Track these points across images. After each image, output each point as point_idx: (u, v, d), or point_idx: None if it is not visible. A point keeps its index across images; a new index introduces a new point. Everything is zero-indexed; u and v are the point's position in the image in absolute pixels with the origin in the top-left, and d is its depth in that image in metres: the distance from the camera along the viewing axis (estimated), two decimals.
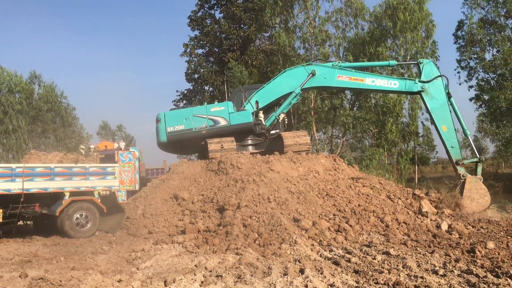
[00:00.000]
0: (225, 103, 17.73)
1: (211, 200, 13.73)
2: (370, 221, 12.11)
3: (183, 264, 8.71)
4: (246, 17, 36.95)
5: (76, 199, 12.28)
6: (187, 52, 39.15)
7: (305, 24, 29.80)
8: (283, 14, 30.19)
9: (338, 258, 8.82)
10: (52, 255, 9.64)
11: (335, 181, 15.01)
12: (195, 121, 17.39)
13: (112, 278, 7.55)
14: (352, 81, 17.13)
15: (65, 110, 40.87)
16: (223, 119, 17.29)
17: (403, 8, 26.45)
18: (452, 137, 16.11)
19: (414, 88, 16.57)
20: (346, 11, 29.24)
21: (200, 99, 38.69)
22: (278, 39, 29.07)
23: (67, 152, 19.38)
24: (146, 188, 15.70)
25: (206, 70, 38.09)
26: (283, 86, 17.74)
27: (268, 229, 11.04)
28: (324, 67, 17.60)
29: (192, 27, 39.09)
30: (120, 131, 55.75)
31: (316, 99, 28.83)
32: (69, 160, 13.60)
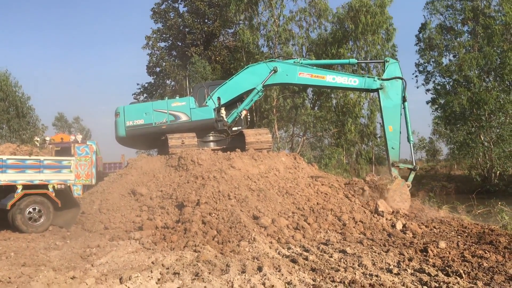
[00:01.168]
0: (186, 98, 17.55)
1: (170, 196, 13.56)
2: (328, 220, 12.29)
3: (140, 261, 8.57)
4: (210, 12, 36.70)
5: (29, 192, 11.84)
6: (149, 45, 38.52)
7: (269, 22, 29.96)
8: (247, 11, 30.22)
9: (296, 256, 8.90)
10: (2, 250, 9.29)
11: (295, 179, 15.15)
12: (155, 116, 17.11)
13: (65, 274, 7.33)
14: (313, 78, 17.25)
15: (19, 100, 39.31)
16: (184, 114, 17.09)
17: (365, 10, 27.01)
18: (395, 139, 16.42)
19: (373, 85, 16.80)
20: (310, 11, 29.59)
21: (162, 93, 38.17)
22: (242, 36, 29.08)
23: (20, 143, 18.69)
24: (103, 183, 15.32)
25: (168, 64, 37.58)
26: (245, 83, 17.72)
27: (228, 226, 11.02)
28: (285, 64, 17.69)
29: (155, 19, 38.50)
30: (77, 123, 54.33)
31: (278, 98, 29.03)
32: (23, 152, 13.07)
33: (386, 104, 16.57)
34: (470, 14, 34.33)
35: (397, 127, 16.39)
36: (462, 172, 39.93)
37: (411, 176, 16.32)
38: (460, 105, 33.15)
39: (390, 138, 16.43)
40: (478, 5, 34.60)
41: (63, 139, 17.46)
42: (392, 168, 16.23)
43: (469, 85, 33.74)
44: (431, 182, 37.83)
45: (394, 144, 16.42)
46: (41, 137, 19.80)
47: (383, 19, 27.48)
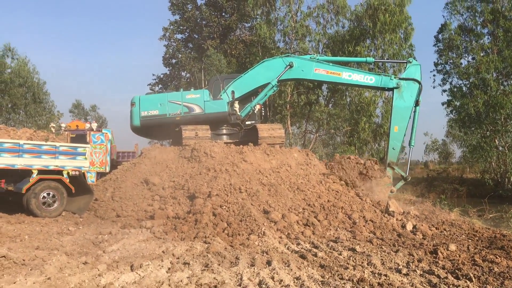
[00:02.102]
0: (201, 91, 17.65)
1: (182, 187, 13.68)
2: (338, 217, 12.29)
3: (151, 249, 8.68)
4: (228, 5, 36.68)
5: (44, 177, 12.00)
6: (166, 36, 38.67)
7: (287, 17, 29.86)
8: (265, 6, 30.17)
9: (305, 252, 8.93)
10: (16, 233, 9.44)
11: (306, 175, 15.16)
12: (170, 107, 17.26)
13: (77, 259, 7.48)
14: (329, 75, 17.22)
15: (37, 86, 39.79)
16: (198, 106, 17.20)
17: (383, 9, 26.80)
18: (398, 140, 16.48)
19: (390, 84, 16.75)
20: (328, 8, 29.44)
21: (176, 84, 38.33)
22: (259, 31, 29.04)
23: (37, 129, 18.92)
24: (116, 171, 15.49)
25: (184, 56, 37.69)
26: (260, 77, 17.74)
27: (238, 219, 11.08)
28: (302, 59, 17.66)
29: (172, 11, 38.58)
30: (94, 111, 54.77)
31: (293, 94, 28.99)
32: (39, 137, 13.26)
33: (398, 104, 16.53)
34: (490, 17, 33.82)
35: (403, 129, 16.40)
36: (474, 175, 39.52)
37: (399, 184, 16.56)
38: (476, 108, 32.77)
39: (393, 138, 16.49)
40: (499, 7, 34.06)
41: (79, 126, 17.63)
42: (388, 168, 16.40)
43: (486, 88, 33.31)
44: (443, 185, 37.50)
45: (395, 145, 16.51)
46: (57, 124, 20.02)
47: (402, 19, 27.25)
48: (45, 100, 40.21)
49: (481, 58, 33.51)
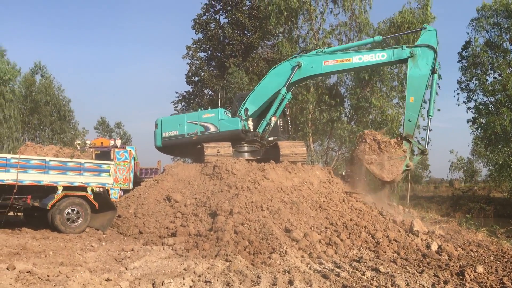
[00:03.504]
0: (216, 110, 17.98)
1: (203, 204, 13.71)
2: (361, 237, 12.11)
3: (172, 267, 8.68)
4: (250, 24, 37.07)
5: (68, 194, 12.21)
6: (189, 54, 39.22)
7: (309, 35, 29.99)
8: (287, 24, 30.38)
9: (327, 271, 8.81)
10: (41, 248, 9.58)
11: (328, 194, 15.03)
12: (188, 127, 17.75)
13: (100, 276, 7.51)
14: (339, 63, 16.98)
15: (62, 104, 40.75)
16: (213, 125, 17.54)
17: (407, 27, 26.67)
18: (414, 111, 15.73)
19: (403, 54, 16.17)
20: (350, 26, 29.48)
21: (199, 102, 38.69)
22: (281, 48, 29.21)
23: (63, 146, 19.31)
24: (139, 188, 15.65)
25: (206, 73, 38.12)
26: (272, 85, 17.84)
27: (259, 237, 11.02)
28: (308, 56, 17.62)
29: (196, 30, 39.17)
30: (119, 128, 55.59)
31: (315, 111, 28.95)
32: (65, 154, 13.51)
33: (413, 73, 15.90)
34: None
35: (419, 99, 15.70)
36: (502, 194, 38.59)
37: (417, 158, 15.86)
38: (502, 126, 32.11)
39: (409, 109, 15.84)
40: None
41: (103, 143, 17.95)
42: (404, 141, 15.72)
43: None
44: (469, 204, 36.68)
45: (411, 117, 15.82)
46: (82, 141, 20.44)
47: None
48: (70, 117, 41.07)
49: (508, 75, 32.95)
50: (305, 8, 29.06)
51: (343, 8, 29.35)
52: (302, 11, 29.41)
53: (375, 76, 27.53)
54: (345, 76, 29.86)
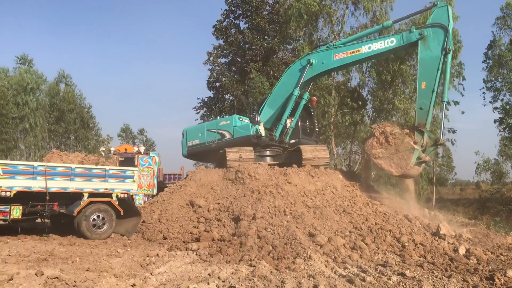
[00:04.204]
0: (231, 117, 18.30)
1: (226, 209, 13.75)
2: (387, 241, 11.94)
3: (197, 272, 8.70)
4: (270, 28, 37.13)
5: (94, 200, 12.39)
6: (210, 60, 39.49)
7: (330, 38, 29.83)
8: (307, 28, 30.27)
9: (352, 276, 8.71)
10: (68, 254, 9.72)
11: (352, 197, 14.90)
12: (207, 136, 18.34)
13: (126, 282, 7.59)
14: (350, 56, 16.63)
15: (84, 111, 41.53)
16: (228, 132, 17.89)
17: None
18: (425, 98, 14.63)
19: (413, 37, 15.32)
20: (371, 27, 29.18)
21: (220, 107, 38.88)
22: (301, 52, 29.07)
23: (87, 153, 19.66)
24: (163, 193, 15.79)
25: (227, 79, 38.31)
26: (287, 87, 17.84)
27: (283, 242, 10.98)
28: (319, 52, 17.50)
29: (216, 36, 39.44)
30: (142, 135, 56.31)
31: (337, 114, 28.74)
32: (90, 161, 13.74)
33: (424, 55, 14.95)
34: None
35: (431, 84, 14.57)
36: None
37: (430, 149, 14.64)
38: None
39: (421, 96, 14.90)
40: None
41: (127, 150, 18.22)
42: (416, 132, 14.81)
43: None
44: (497, 206, 35.70)
45: (423, 104, 14.78)
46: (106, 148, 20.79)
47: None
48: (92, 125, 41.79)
49: None
50: (325, 11, 28.90)
51: (364, 10, 29.09)
52: (322, 14, 29.25)
53: (397, 78, 27.18)
54: (367, 78, 29.61)
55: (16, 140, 36.53)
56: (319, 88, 28.23)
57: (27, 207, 11.66)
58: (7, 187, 11.21)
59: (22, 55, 40.11)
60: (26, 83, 37.28)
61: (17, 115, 35.94)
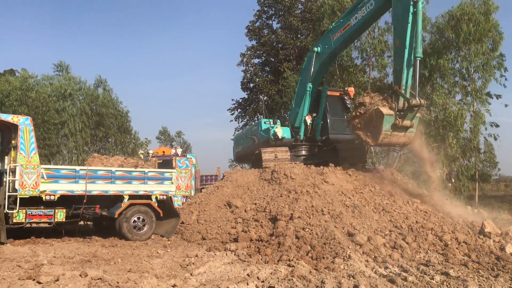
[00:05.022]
0: (258, 122, 18.82)
1: (264, 210, 13.75)
2: (428, 239, 11.64)
3: (236, 272, 8.73)
4: (303, 27, 36.98)
5: (134, 202, 12.65)
6: (243, 61, 39.69)
7: (364, 34, 29.40)
8: None
9: (394, 276, 8.53)
10: (110, 256, 9.95)
11: (391, 196, 14.61)
12: (245, 141, 19.57)
13: (166, 282, 7.70)
14: (344, 31, 16.18)
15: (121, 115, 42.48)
16: (256, 137, 18.55)
17: (467, 19, 25.50)
18: (400, 56, 13.27)
19: None
20: None
21: (255, 108, 39.00)
22: None
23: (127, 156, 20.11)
24: (200, 194, 15.97)
25: (261, 79, 38.38)
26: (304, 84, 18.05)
27: (321, 242, 10.88)
28: (320, 39, 17.64)
29: (249, 37, 39.60)
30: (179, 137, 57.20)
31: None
32: (129, 164, 14.02)
33: (396, 11, 13.65)
34: None
35: (405, 41, 13.09)
36: None
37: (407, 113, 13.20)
38: None
39: (396, 56, 13.71)
40: None
41: (165, 152, 18.54)
42: (393, 96, 13.59)
43: None
44: None
45: (398, 64, 13.46)
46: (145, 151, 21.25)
47: (488, 27, 25.72)
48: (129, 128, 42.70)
49: None
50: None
51: None
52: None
53: (435, 72, 26.53)
54: None
55: (58, 145, 37.75)
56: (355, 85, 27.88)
57: (70, 210, 12.01)
58: (51, 191, 11.59)
59: (60, 62, 41.43)
60: (64, 89, 38.49)
61: (58, 121, 37.10)
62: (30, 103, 35.86)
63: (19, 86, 36.87)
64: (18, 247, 10.83)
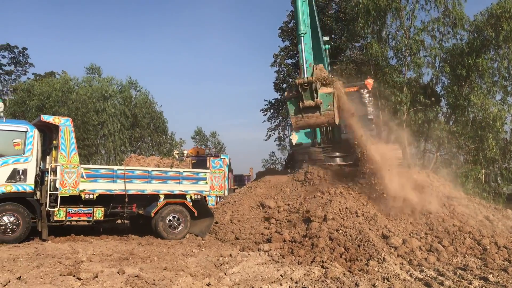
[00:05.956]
0: None
1: (297, 211, 13.76)
2: (466, 243, 11.39)
3: (269, 273, 8.79)
4: (337, 27, 36.66)
5: (170, 201, 12.87)
6: (276, 62, 39.67)
7: (399, 33, 28.94)
8: (375, 24, 29.52)
9: (429, 279, 8.41)
10: (147, 254, 10.17)
11: (427, 198, 14.33)
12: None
13: (201, 281, 7.82)
14: None
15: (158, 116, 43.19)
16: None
17: (507, 16, 24.71)
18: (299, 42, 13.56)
19: None
20: (444, 21, 27.93)
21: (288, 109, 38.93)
22: (370, 49, 28.44)
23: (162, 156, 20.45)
24: (234, 195, 16.11)
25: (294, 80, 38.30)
26: None
27: (355, 244, 10.81)
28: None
29: (282, 37, 39.55)
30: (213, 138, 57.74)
31: (409, 111, 27.79)
32: (165, 164, 14.27)
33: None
34: None
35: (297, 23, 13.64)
36: None
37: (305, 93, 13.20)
38: None
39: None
40: None
41: (199, 153, 18.74)
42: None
43: None
44: None
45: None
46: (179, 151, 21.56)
47: None
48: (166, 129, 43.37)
49: None
50: (394, 6, 28.05)
51: (435, 3, 27.92)
52: (391, 10, 28.40)
53: (473, 72, 25.81)
54: (441, 74, 28.39)
55: (97, 145, 38.76)
56: (390, 86, 27.45)
57: (109, 209, 12.34)
58: (90, 190, 11.95)
59: (91, 65, 42.45)
60: (105, 90, 39.50)
61: (97, 122, 38.11)
62: (70, 104, 36.95)
63: (60, 88, 38.04)
64: (59, 244, 11.21)
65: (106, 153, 39.63)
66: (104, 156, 39.40)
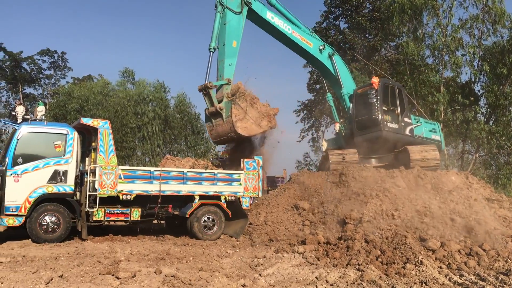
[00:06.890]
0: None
1: (331, 213, 13.63)
2: (508, 247, 11.03)
3: (304, 275, 8.75)
4: (371, 26, 36.19)
5: (204, 202, 13.01)
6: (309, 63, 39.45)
7: (436, 32, 28.31)
8: (411, 23, 29.01)
9: (470, 284, 8.18)
10: (182, 254, 10.31)
11: (467, 200, 13.96)
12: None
13: (236, 282, 7.87)
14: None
15: (194, 118, 43.56)
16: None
17: None
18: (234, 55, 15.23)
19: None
20: (483, 18, 27.17)
21: (321, 109, 38.66)
22: (406, 48, 27.97)
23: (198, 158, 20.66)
24: (268, 196, 16.08)
25: None
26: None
27: (392, 247, 10.63)
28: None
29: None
30: None
31: (446, 112, 27.15)
32: (200, 165, 14.46)
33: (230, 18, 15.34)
34: None
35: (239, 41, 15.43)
36: None
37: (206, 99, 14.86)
38: None
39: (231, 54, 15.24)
40: None
41: None
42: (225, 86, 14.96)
43: None
44: None
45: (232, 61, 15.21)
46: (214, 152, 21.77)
47: None
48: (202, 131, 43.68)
49: None
50: (430, 4, 27.47)
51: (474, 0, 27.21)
52: (427, 8, 27.83)
53: None
54: (480, 72, 27.62)
55: (134, 147, 39.48)
56: (426, 85, 26.88)
57: (145, 209, 12.59)
58: (128, 190, 12.22)
59: (125, 68, 43.17)
60: (147, 94, 40.26)
61: (135, 125, 38.86)
62: (109, 107, 37.83)
63: (99, 91, 39.00)
64: (98, 243, 11.52)
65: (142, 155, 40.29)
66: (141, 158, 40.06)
